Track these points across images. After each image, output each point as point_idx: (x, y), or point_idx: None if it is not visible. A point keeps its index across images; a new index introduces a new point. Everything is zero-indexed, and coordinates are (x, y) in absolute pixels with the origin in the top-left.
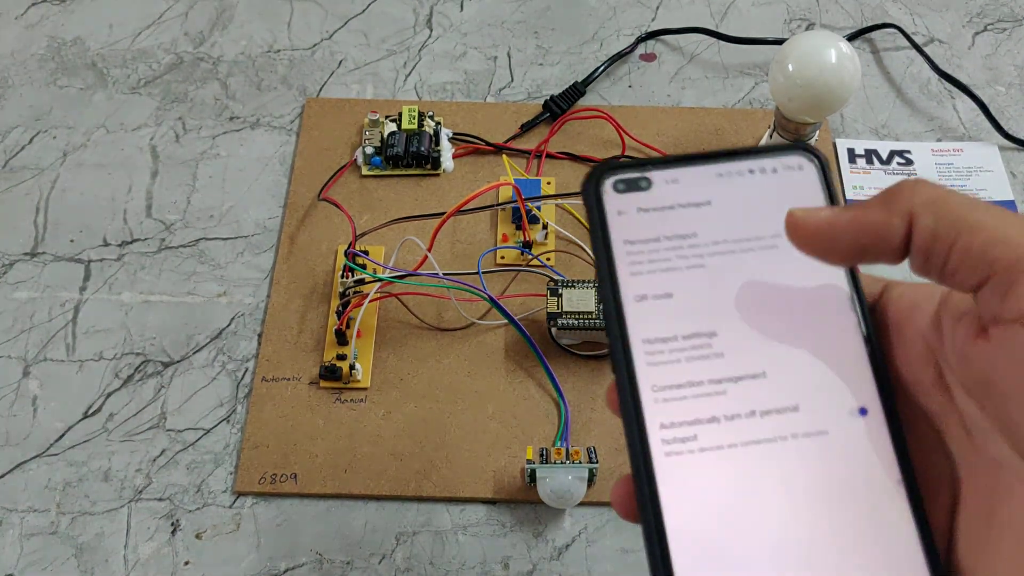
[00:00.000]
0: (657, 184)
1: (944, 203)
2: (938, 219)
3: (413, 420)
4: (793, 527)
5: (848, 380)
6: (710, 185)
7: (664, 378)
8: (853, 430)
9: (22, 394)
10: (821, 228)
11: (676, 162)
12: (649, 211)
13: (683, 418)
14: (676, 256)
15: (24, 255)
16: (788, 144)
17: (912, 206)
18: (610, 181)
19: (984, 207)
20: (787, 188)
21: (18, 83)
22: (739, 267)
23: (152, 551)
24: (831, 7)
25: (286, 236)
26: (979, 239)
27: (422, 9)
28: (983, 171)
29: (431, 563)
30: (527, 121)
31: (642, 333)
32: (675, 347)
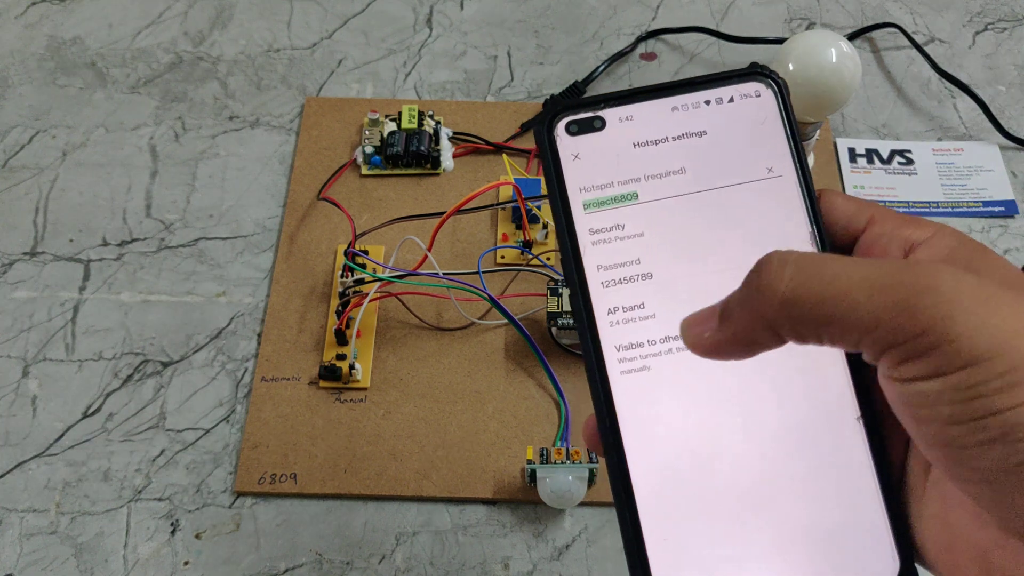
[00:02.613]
0: (611, 123)
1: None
2: (794, 323)
3: (413, 420)
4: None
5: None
6: (667, 120)
7: (620, 300)
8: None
9: (22, 394)
10: (711, 348)
11: (630, 97)
12: (605, 152)
13: (636, 340)
14: (629, 196)
15: (24, 255)
16: (744, 70)
17: (768, 320)
18: (563, 122)
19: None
20: (744, 118)
21: (18, 83)
22: (699, 206)
23: (152, 551)
24: (831, 6)
25: (286, 236)
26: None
27: (422, 8)
28: (983, 171)
29: (431, 563)
30: (527, 120)
31: (598, 277)
32: (625, 275)
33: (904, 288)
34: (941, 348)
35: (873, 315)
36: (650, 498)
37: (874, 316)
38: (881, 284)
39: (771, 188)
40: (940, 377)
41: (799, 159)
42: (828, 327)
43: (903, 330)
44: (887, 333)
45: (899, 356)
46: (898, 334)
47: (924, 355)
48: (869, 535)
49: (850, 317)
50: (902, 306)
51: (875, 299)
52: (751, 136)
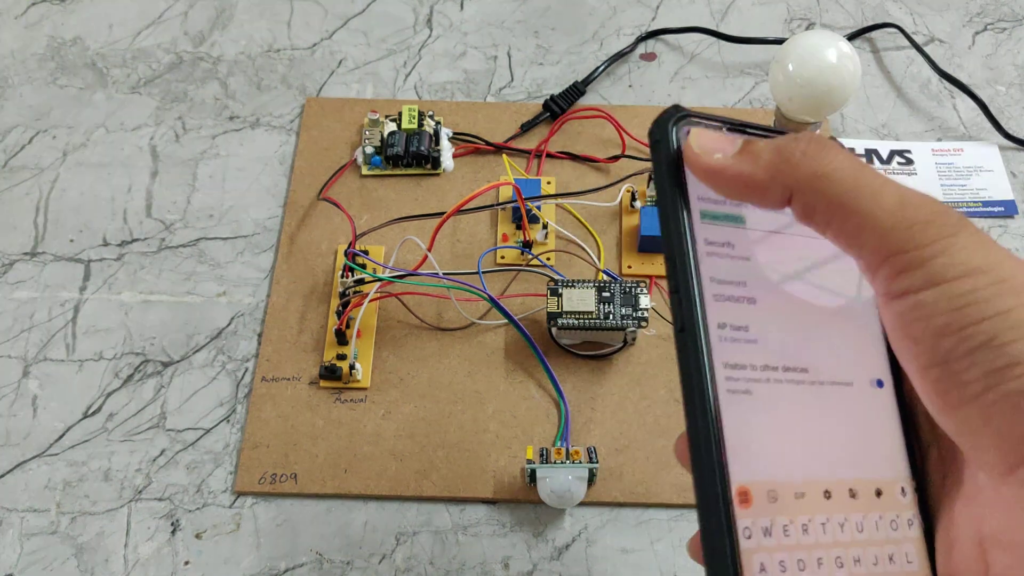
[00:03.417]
0: None
1: (826, 182)
2: (817, 197)
3: (413, 420)
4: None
5: (871, 354)
6: None
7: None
8: (871, 400)
9: (22, 394)
10: (712, 170)
11: (747, 127)
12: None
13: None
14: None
15: (24, 255)
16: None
17: (794, 181)
18: (684, 128)
19: (865, 184)
20: None
21: (18, 83)
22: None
23: (152, 551)
24: (831, 6)
25: (286, 236)
26: (851, 224)
27: (422, 9)
28: (983, 171)
29: (431, 563)
30: (527, 121)
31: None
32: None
33: (927, 208)
34: (940, 259)
35: (893, 218)
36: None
37: (893, 219)
38: (908, 200)
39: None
40: (936, 287)
41: None
42: (846, 217)
43: (913, 238)
44: (898, 238)
45: (900, 264)
46: (907, 241)
47: (923, 265)
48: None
49: (872, 214)
50: (919, 221)
51: (898, 210)
52: None
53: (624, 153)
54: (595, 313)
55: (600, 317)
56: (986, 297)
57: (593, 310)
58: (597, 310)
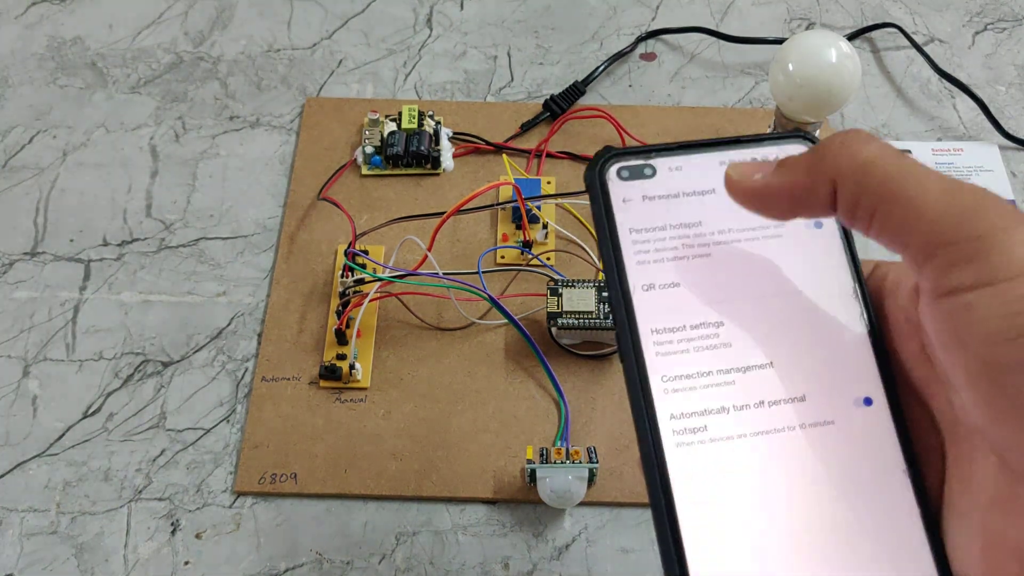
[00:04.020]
0: (661, 171)
1: (867, 172)
2: (860, 187)
3: (413, 420)
4: (802, 516)
5: (853, 370)
6: (713, 172)
7: (673, 368)
8: (858, 420)
9: (22, 394)
10: (756, 190)
11: (680, 149)
12: (654, 199)
13: (692, 409)
14: (682, 244)
15: (24, 255)
16: (789, 132)
17: (836, 172)
18: (614, 168)
19: (909, 174)
20: None
21: (18, 83)
22: (744, 256)
23: (152, 551)
24: (831, 6)
25: (286, 236)
26: (897, 213)
27: (422, 8)
28: (983, 171)
29: (431, 563)
30: (527, 120)
31: (651, 323)
32: (683, 337)
33: (975, 196)
34: (993, 255)
35: (940, 204)
36: (695, 537)
37: (941, 206)
38: (954, 187)
39: (817, 241)
40: (989, 287)
41: None
42: (892, 205)
43: (961, 229)
44: (948, 227)
45: (950, 257)
46: (958, 231)
47: (974, 260)
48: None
49: (919, 200)
50: (968, 209)
51: (945, 197)
52: None
53: (624, 146)
54: (595, 313)
55: (600, 317)
56: None
57: (593, 310)
58: (597, 310)
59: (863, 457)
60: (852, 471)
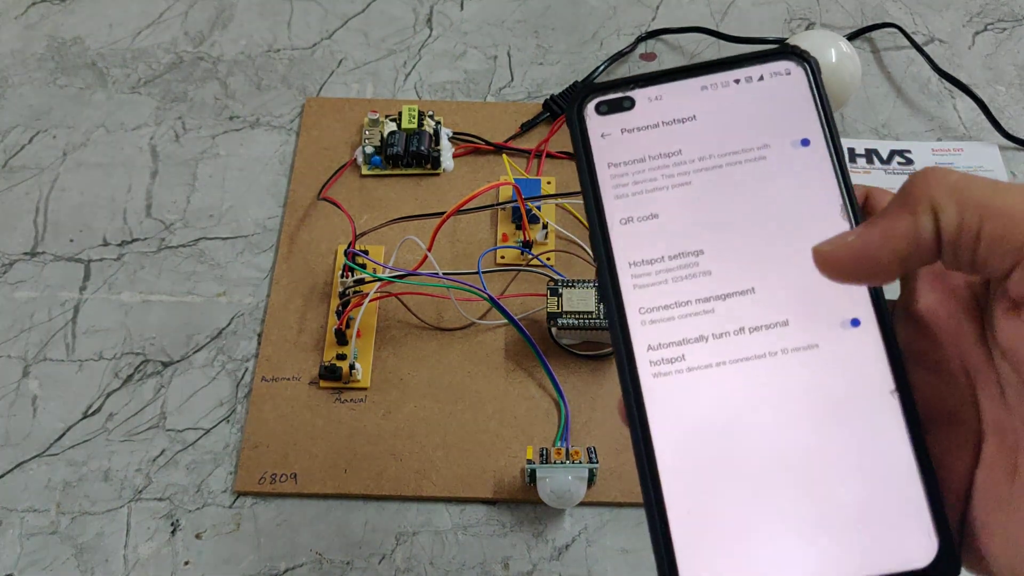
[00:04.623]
0: (640, 103)
1: (965, 190)
2: (961, 208)
3: (413, 420)
4: (785, 441)
5: (839, 291)
6: (694, 99)
7: (651, 300)
8: (845, 342)
9: (22, 394)
10: (857, 257)
11: (659, 78)
12: (633, 131)
13: (670, 339)
14: (661, 175)
15: (24, 255)
16: (775, 49)
17: (933, 199)
18: (593, 103)
19: (1005, 189)
20: (774, 96)
21: (18, 83)
22: (726, 182)
23: (152, 551)
24: (831, 6)
25: (286, 236)
26: (1003, 224)
27: (422, 8)
28: (983, 171)
29: (431, 563)
30: (527, 120)
31: (628, 256)
32: (661, 268)
33: None
34: None
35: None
36: (674, 469)
37: None
38: None
39: (803, 160)
40: None
41: (831, 133)
42: (995, 217)
43: None
44: None
45: None
46: None
47: None
48: (904, 513)
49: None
50: None
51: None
52: (781, 111)
53: None
54: (595, 313)
55: (600, 317)
56: None
57: (593, 310)
58: (597, 310)
59: (850, 379)
60: (837, 393)
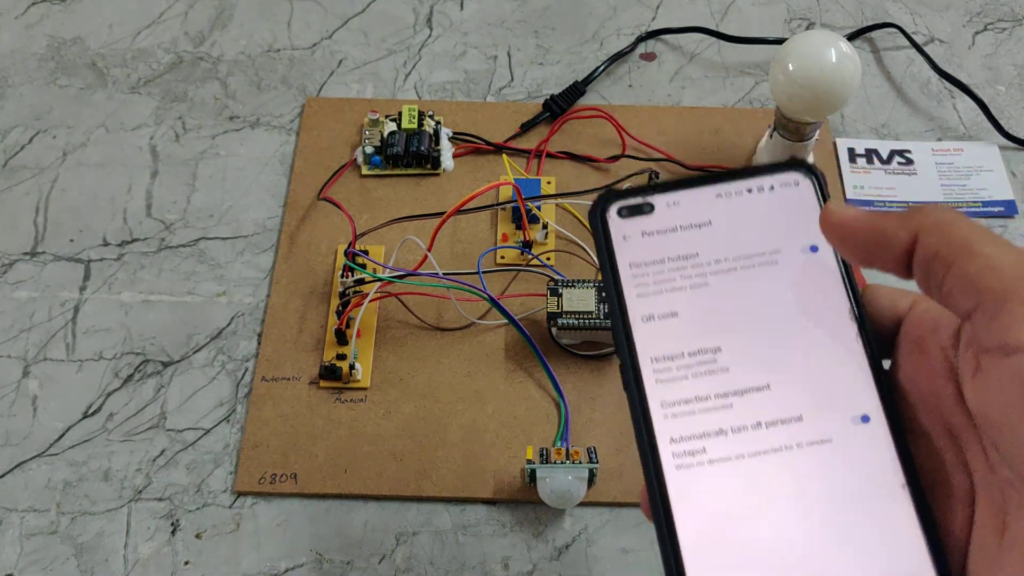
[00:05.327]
0: (659, 208)
1: (952, 226)
2: (941, 240)
3: (413, 420)
4: (801, 533)
5: (850, 389)
6: (710, 205)
7: (673, 394)
8: (856, 437)
9: (22, 394)
10: (843, 221)
11: (677, 186)
12: (653, 234)
13: (691, 432)
14: (680, 276)
15: (24, 255)
16: (785, 162)
17: (921, 225)
18: (615, 207)
19: (989, 237)
20: (784, 204)
21: (18, 83)
22: (741, 283)
23: (152, 551)
24: (831, 6)
25: (286, 236)
26: (974, 265)
27: (422, 8)
28: (983, 171)
29: (431, 563)
30: (527, 120)
31: (650, 352)
32: (682, 364)
33: None
34: None
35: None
36: (696, 558)
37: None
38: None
39: (812, 265)
40: None
41: None
42: (970, 258)
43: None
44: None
45: (1020, 315)
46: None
47: None
48: None
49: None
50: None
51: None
52: (791, 218)
53: (624, 153)
54: (595, 313)
55: (600, 317)
56: None
57: (593, 310)
58: (597, 310)
59: (862, 473)
60: (850, 486)
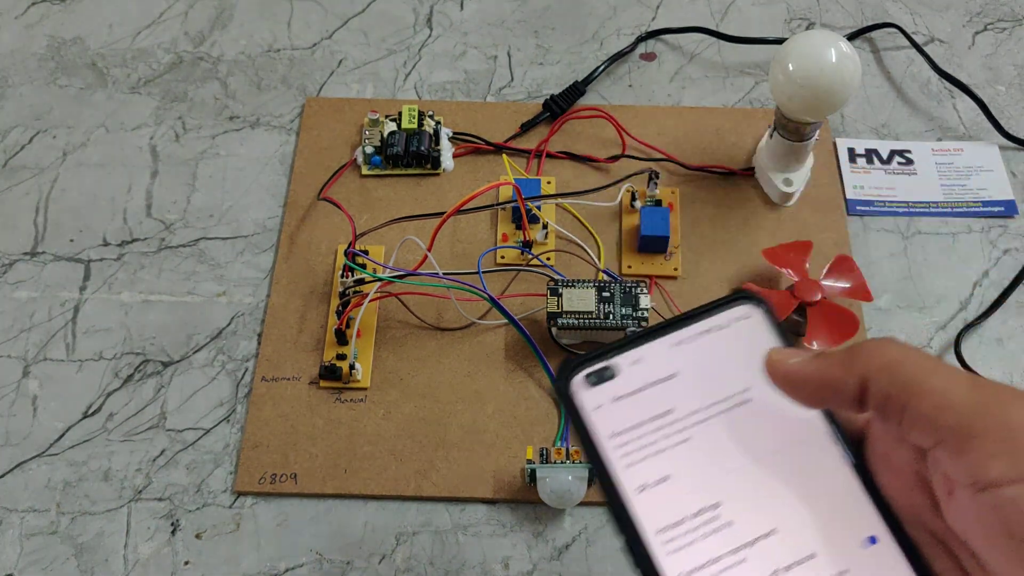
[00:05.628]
0: (623, 369)
1: (899, 367)
2: (890, 383)
3: (413, 420)
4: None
5: (851, 513)
6: (672, 356)
7: (686, 563)
8: (871, 560)
9: (22, 394)
10: (790, 374)
11: (635, 342)
12: (624, 398)
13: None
14: (661, 436)
15: (24, 255)
16: (732, 296)
17: (867, 370)
18: (579, 379)
19: (938, 370)
20: (742, 340)
21: (18, 83)
22: (721, 431)
23: (152, 551)
24: (831, 6)
25: (286, 236)
26: (927, 404)
27: (422, 8)
28: (983, 171)
29: (431, 563)
30: (527, 120)
31: (654, 524)
32: (687, 528)
33: (999, 389)
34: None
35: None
36: None
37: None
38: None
39: (782, 398)
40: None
41: None
42: (922, 398)
43: (997, 417)
44: (982, 416)
45: (990, 448)
46: (992, 420)
47: (1011, 452)
48: None
49: (949, 392)
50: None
51: (973, 390)
52: (752, 352)
53: (624, 153)
54: (595, 313)
55: (600, 317)
56: None
57: (593, 310)
58: (597, 310)
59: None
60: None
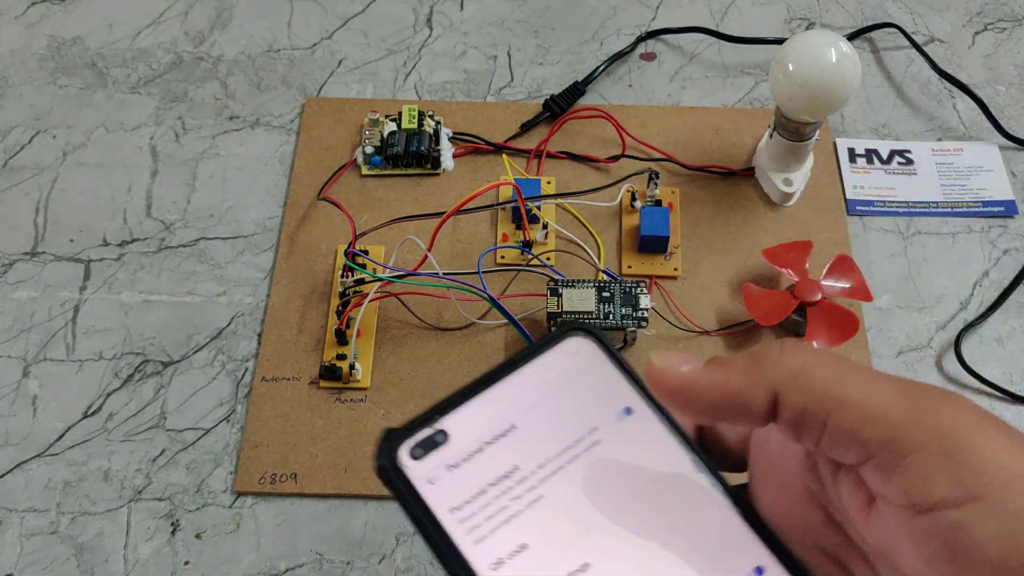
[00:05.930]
0: (454, 432)
1: (809, 377)
2: (805, 396)
3: None
4: None
5: (732, 546)
6: (505, 409)
7: None
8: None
9: (22, 394)
10: (682, 386)
11: (459, 399)
12: (459, 464)
13: None
14: (509, 499)
15: (24, 255)
16: (557, 333)
17: (776, 381)
18: (404, 451)
19: (851, 376)
20: (578, 378)
21: (18, 83)
22: (575, 481)
23: (152, 551)
24: (831, 6)
25: (286, 236)
26: (849, 417)
27: (422, 8)
28: (983, 171)
29: (431, 563)
30: (527, 120)
31: None
32: None
33: (930, 392)
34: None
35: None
36: None
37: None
38: (907, 385)
39: (634, 429)
40: (980, 502)
41: (645, 393)
42: (841, 410)
43: (929, 429)
44: (912, 428)
45: (924, 466)
46: (925, 433)
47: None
48: None
49: (872, 402)
50: (926, 407)
51: (900, 396)
52: (592, 390)
53: (624, 153)
54: (595, 313)
55: (600, 317)
56: None
57: (593, 310)
58: (597, 310)
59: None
60: None
